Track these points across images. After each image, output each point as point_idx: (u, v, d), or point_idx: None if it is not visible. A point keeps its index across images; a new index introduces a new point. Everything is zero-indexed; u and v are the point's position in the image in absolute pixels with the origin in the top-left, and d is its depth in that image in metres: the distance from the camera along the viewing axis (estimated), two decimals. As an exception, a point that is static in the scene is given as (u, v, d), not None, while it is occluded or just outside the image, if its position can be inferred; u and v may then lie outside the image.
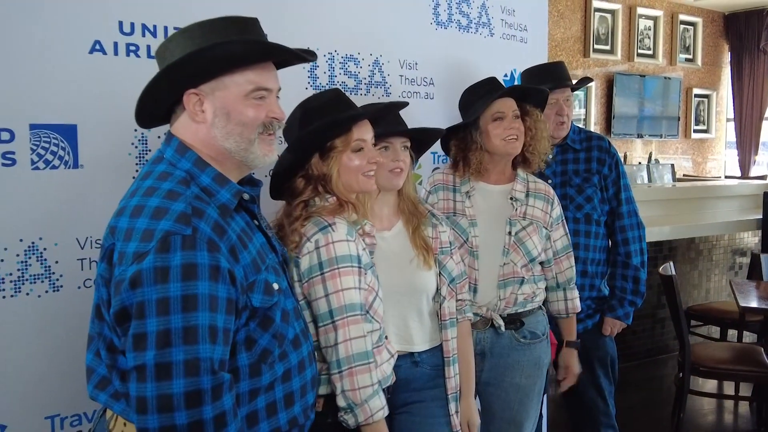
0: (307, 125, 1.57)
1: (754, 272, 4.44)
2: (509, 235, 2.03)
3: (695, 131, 7.99)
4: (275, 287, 1.30)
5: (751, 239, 5.28)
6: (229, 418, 1.17)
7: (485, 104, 2.02)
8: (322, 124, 1.53)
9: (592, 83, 2.47)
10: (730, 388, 4.04)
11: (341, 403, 1.50)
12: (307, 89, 2.11)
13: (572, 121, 2.58)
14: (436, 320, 1.79)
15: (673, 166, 7.14)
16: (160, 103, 1.32)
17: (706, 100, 8.07)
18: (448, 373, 1.77)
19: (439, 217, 1.87)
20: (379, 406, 1.51)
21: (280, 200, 1.68)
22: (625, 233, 2.49)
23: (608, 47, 7.05)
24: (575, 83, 2.57)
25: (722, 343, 4.24)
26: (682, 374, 3.42)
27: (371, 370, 1.51)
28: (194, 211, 1.20)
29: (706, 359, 3.40)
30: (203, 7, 1.88)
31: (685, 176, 7.59)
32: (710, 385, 4.18)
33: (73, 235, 1.75)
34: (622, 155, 6.89)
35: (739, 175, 8.00)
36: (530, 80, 2.50)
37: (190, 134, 1.31)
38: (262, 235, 1.38)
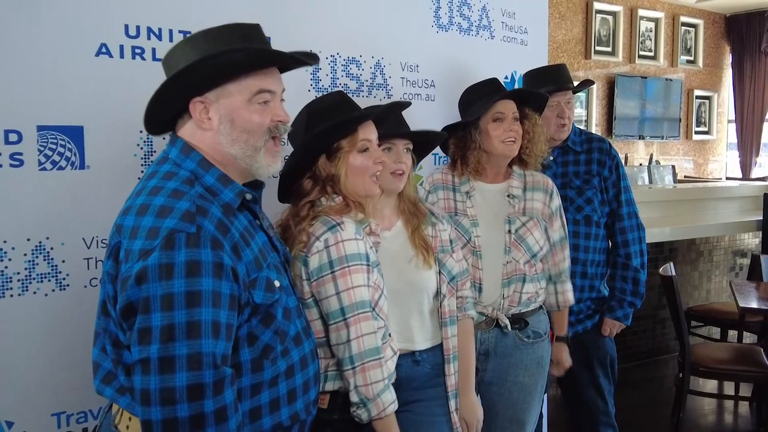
0: (313, 127, 1.58)
1: (754, 273, 4.45)
2: (509, 233, 2.05)
3: (696, 133, 8.01)
4: (276, 284, 1.33)
5: (751, 240, 5.29)
6: (229, 412, 1.19)
7: (487, 104, 2.03)
8: (329, 125, 1.55)
9: (593, 85, 2.49)
10: (730, 388, 4.05)
11: (354, 398, 1.52)
12: (309, 91, 2.13)
13: (573, 122, 2.59)
14: (437, 319, 1.80)
15: (674, 167, 7.15)
16: (166, 110, 1.34)
17: (707, 101, 8.08)
18: (447, 370, 1.78)
19: (438, 215, 1.88)
20: (390, 400, 1.54)
21: (286, 203, 1.70)
22: (625, 235, 2.50)
23: (609, 49, 7.07)
24: (577, 86, 2.58)
25: (722, 343, 4.25)
26: (682, 374, 3.43)
27: (382, 365, 1.53)
28: (198, 209, 1.22)
29: (706, 359, 3.41)
30: (207, 10, 1.92)
31: (686, 177, 7.60)
32: (710, 385, 4.20)
33: (79, 234, 1.77)
34: (623, 157, 6.92)
35: (740, 176, 8.00)
36: (532, 82, 2.51)
37: (196, 140, 1.33)
38: (264, 234, 1.40)
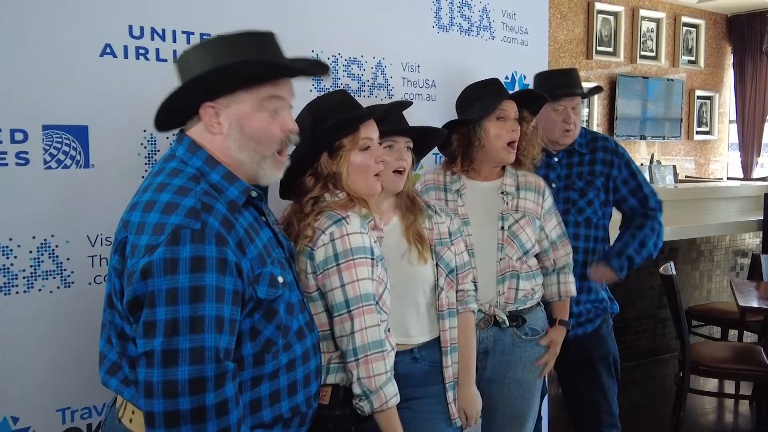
0: (316, 126, 1.60)
1: (754, 273, 4.46)
2: (502, 230, 2.06)
3: (698, 133, 8.01)
4: (280, 280, 1.34)
5: (752, 240, 5.29)
6: (231, 405, 1.21)
7: (493, 104, 2.05)
8: (331, 123, 1.57)
9: (601, 92, 2.50)
10: (730, 388, 4.06)
11: (357, 390, 1.53)
12: (311, 91, 2.15)
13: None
14: (434, 312, 1.81)
15: (675, 167, 7.16)
16: (177, 112, 1.37)
17: (708, 101, 8.09)
18: (445, 362, 1.79)
19: (435, 208, 1.89)
20: (392, 392, 1.55)
21: (288, 200, 1.71)
22: (654, 212, 2.48)
23: (611, 49, 7.08)
24: (586, 92, 2.56)
25: (722, 342, 4.27)
26: (682, 373, 3.44)
27: (385, 357, 1.54)
28: (203, 206, 1.24)
29: (706, 358, 3.43)
30: (211, 11, 1.95)
31: (687, 177, 7.60)
32: (711, 384, 4.21)
33: (84, 232, 1.79)
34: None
35: (741, 176, 8.00)
36: (541, 85, 2.51)
37: (205, 142, 1.35)
38: (269, 230, 1.42)
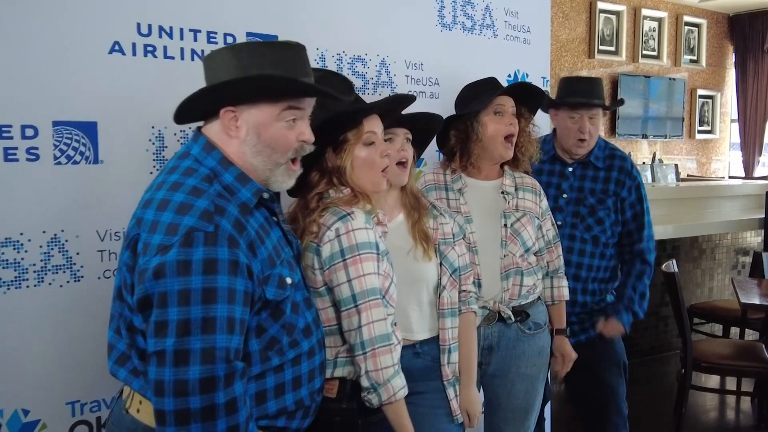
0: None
1: (756, 270, 4.48)
2: (505, 227, 2.08)
3: (699, 132, 8.02)
4: (288, 281, 1.37)
5: (753, 239, 5.30)
6: (239, 404, 1.23)
7: (489, 98, 2.07)
8: (333, 116, 1.58)
9: (623, 104, 2.49)
10: (732, 385, 4.07)
11: (365, 383, 1.55)
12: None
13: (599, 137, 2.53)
14: (436, 310, 1.83)
15: (676, 166, 7.16)
16: (198, 110, 1.38)
17: (710, 101, 8.09)
18: (443, 360, 1.81)
19: (440, 209, 1.91)
20: (400, 385, 1.57)
21: (294, 197, 1.72)
22: (643, 255, 2.50)
23: (613, 48, 7.09)
24: (608, 105, 2.54)
25: (724, 339, 4.28)
26: (684, 370, 3.46)
27: (392, 350, 1.56)
28: (217, 208, 1.26)
29: (708, 355, 3.44)
30: (218, 10, 1.97)
31: (689, 176, 7.61)
32: (713, 382, 4.23)
33: (93, 227, 1.81)
34: (626, 156, 6.90)
35: (743, 176, 8.01)
36: (563, 90, 2.51)
37: (221, 143, 1.37)
38: (279, 229, 1.44)
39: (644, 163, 7.25)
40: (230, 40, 1.98)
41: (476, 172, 2.15)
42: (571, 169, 2.51)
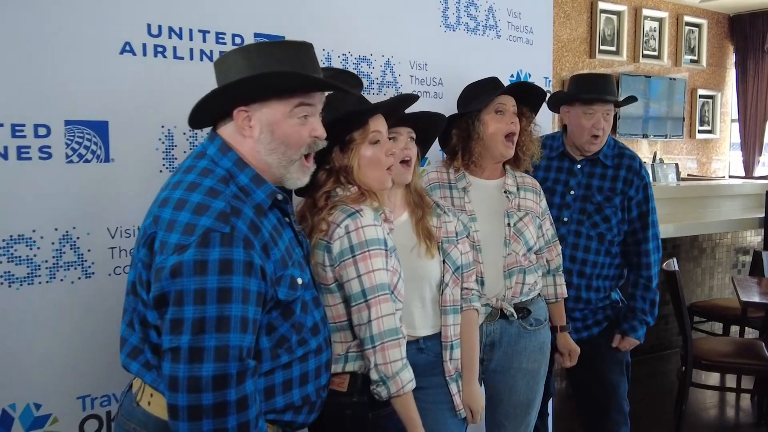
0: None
1: (756, 269, 4.50)
2: (509, 226, 2.11)
3: (700, 132, 8.02)
4: (299, 282, 1.40)
5: (753, 238, 5.33)
6: (250, 401, 1.26)
7: (490, 97, 2.09)
8: (340, 116, 1.61)
9: (635, 101, 2.50)
10: (732, 383, 4.10)
11: (374, 376, 1.58)
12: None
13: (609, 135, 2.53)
14: (439, 307, 1.85)
15: (677, 165, 7.18)
16: (212, 112, 1.41)
17: (710, 101, 8.10)
18: (445, 356, 1.83)
19: (444, 207, 1.94)
20: (408, 378, 1.60)
21: (303, 197, 1.75)
22: (649, 257, 2.49)
23: (614, 48, 7.10)
24: (621, 101, 2.55)
25: (724, 337, 4.30)
26: (684, 367, 3.48)
27: (401, 344, 1.59)
28: (233, 210, 1.29)
29: (708, 353, 3.46)
30: (226, 11, 2.00)
31: (689, 176, 7.63)
32: (713, 379, 4.25)
33: (104, 225, 1.84)
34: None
35: (743, 175, 8.02)
36: (576, 87, 2.51)
37: (236, 143, 1.39)
38: (291, 230, 1.47)
39: (645, 162, 7.26)
40: (238, 40, 2.01)
41: (478, 171, 2.17)
42: (579, 166, 2.51)
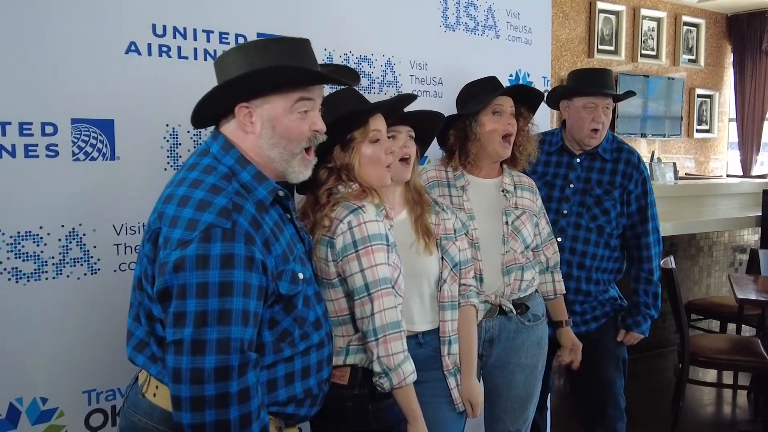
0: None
1: (752, 267, 4.52)
2: (506, 224, 2.14)
3: (698, 131, 8.06)
4: (300, 277, 1.43)
5: (750, 237, 5.36)
6: (252, 392, 1.29)
7: (488, 98, 2.11)
8: (341, 116, 1.64)
9: (634, 96, 2.51)
10: (729, 379, 4.12)
11: (377, 368, 1.61)
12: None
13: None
14: (437, 303, 1.88)
15: (675, 164, 7.22)
16: (213, 110, 1.44)
17: (708, 100, 8.14)
18: (443, 351, 1.86)
19: (442, 205, 1.96)
20: (410, 370, 1.63)
21: (304, 194, 1.79)
22: (649, 250, 2.52)
23: (612, 48, 7.14)
24: (620, 94, 2.57)
25: (721, 335, 4.33)
26: (681, 364, 3.52)
27: (402, 337, 1.63)
28: (234, 206, 1.32)
29: (705, 350, 3.48)
30: (229, 11, 2.02)
31: (687, 175, 7.67)
32: (710, 377, 4.28)
33: (110, 221, 1.86)
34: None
35: (741, 174, 8.06)
36: (576, 81, 2.53)
37: (238, 140, 1.42)
38: (292, 226, 1.50)
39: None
40: (241, 40, 2.04)
41: (476, 170, 2.20)
42: (578, 160, 2.54)
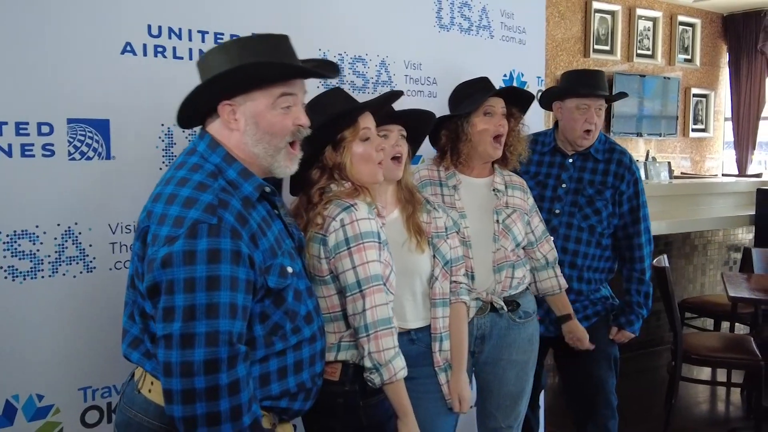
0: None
1: (746, 266, 4.54)
2: (497, 223, 2.16)
3: (693, 130, 8.09)
4: (289, 270, 1.44)
5: (745, 236, 5.38)
6: (242, 385, 1.31)
7: (480, 100, 2.13)
8: (331, 116, 1.67)
9: (626, 97, 2.52)
10: (722, 377, 4.15)
11: (368, 364, 1.63)
12: (318, 87, 2.24)
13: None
14: (429, 300, 1.90)
15: (669, 163, 7.25)
16: (198, 109, 1.46)
17: (704, 99, 8.17)
18: (434, 347, 1.89)
19: (434, 204, 1.98)
20: (401, 366, 1.65)
21: (297, 196, 1.80)
22: (641, 250, 2.54)
23: (608, 48, 7.16)
24: (612, 96, 2.57)
25: (714, 333, 4.35)
26: (674, 362, 3.54)
27: (393, 334, 1.65)
28: (220, 202, 1.34)
29: (698, 348, 3.50)
30: (224, 11, 2.04)
31: (682, 174, 7.69)
32: (703, 374, 4.30)
33: (105, 220, 1.88)
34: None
35: (736, 174, 8.09)
36: (568, 82, 2.55)
37: (223, 138, 1.44)
38: (280, 222, 1.52)
39: (638, 160, 7.33)
40: (236, 41, 2.05)
41: (467, 169, 2.22)
42: (571, 160, 2.56)
